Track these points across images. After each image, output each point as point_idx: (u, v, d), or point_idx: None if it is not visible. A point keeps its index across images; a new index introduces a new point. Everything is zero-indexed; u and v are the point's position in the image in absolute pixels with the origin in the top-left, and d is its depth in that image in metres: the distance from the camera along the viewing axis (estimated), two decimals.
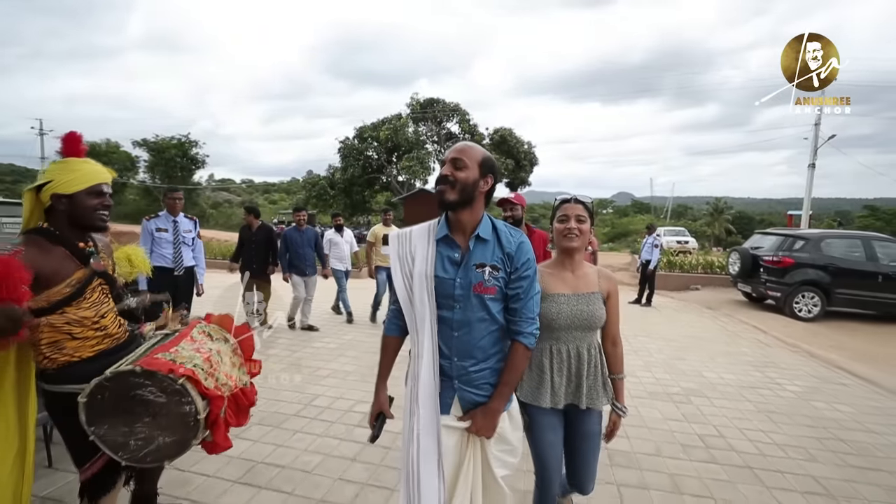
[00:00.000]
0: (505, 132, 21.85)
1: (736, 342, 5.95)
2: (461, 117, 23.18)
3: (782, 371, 4.75)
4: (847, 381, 4.53)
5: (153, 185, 35.68)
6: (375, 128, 22.96)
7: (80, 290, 1.50)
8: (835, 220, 44.06)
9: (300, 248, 5.60)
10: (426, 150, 22.51)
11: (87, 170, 1.53)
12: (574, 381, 1.67)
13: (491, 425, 1.37)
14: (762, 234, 9.12)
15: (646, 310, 8.18)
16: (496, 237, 1.40)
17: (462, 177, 1.33)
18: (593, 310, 1.65)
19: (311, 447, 2.81)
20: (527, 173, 22.45)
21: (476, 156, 1.37)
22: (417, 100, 23.39)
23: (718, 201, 44.49)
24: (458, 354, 1.38)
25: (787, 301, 7.63)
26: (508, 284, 1.38)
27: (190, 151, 35.38)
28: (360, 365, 4.43)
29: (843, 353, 5.58)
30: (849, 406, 3.83)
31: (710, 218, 42.68)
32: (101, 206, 1.54)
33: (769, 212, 60.10)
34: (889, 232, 30.05)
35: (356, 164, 23.07)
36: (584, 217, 1.66)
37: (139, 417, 1.45)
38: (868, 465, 2.84)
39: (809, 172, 14.87)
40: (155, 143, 34.59)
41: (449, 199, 1.33)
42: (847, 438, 3.21)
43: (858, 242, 7.81)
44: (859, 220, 39.70)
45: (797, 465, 2.81)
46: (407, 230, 1.47)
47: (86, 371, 1.44)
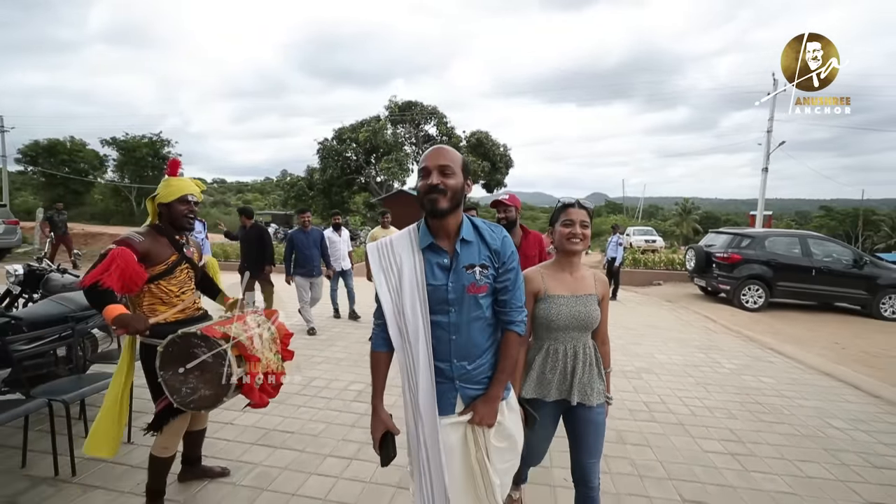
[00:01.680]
0: (481, 135, 22.50)
1: (687, 330, 6.66)
2: (439, 120, 23.70)
3: (723, 352, 5.44)
4: (775, 359, 5.25)
5: (123, 184, 34.73)
6: (354, 129, 23.22)
7: (171, 269, 2.02)
8: (793, 221, 46.65)
9: (306, 249, 5.62)
10: (404, 152, 22.93)
11: (179, 185, 2.04)
12: (568, 379, 1.73)
13: (492, 412, 1.39)
14: (715, 233, 9.97)
15: (611, 303, 8.88)
16: (479, 236, 1.40)
17: (452, 184, 1.33)
18: (590, 311, 1.70)
19: (314, 418, 3.25)
20: (502, 175, 23.18)
21: (458, 160, 1.37)
22: (396, 102, 23.78)
23: (686, 202, 46.47)
24: (457, 356, 1.38)
25: (735, 293, 8.44)
26: (497, 279, 1.40)
27: (162, 151, 34.61)
28: (350, 353, 4.87)
29: (777, 337, 6.34)
30: (771, 378, 4.52)
31: (679, 218, 44.49)
32: (187, 210, 2.05)
33: (735, 212, 62.74)
34: (842, 230, 32.14)
35: (335, 165, 23.29)
36: (587, 222, 1.71)
37: (192, 371, 1.88)
38: (775, 420, 3.49)
39: (763, 176, 16.05)
40: (125, 142, 33.69)
41: (443, 208, 1.32)
42: (763, 402, 3.86)
43: (796, 241, 8.71)
44: (816, 220, 41.91)
45: (719, 421, 3.43)
46: (386, 241, 1.44)
47: (165, 331, 1.88)
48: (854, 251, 8.57)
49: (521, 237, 3.05)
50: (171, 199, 2.04)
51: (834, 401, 3.94)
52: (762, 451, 2.97)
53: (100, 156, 35.17)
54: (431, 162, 1.34)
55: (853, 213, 32.92)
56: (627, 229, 24.93)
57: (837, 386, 4.35)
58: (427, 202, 1.33)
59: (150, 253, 1.97)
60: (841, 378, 4.55)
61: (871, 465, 2.83)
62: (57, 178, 32.31)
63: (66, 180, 32.61)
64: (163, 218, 2.09)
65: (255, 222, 5.90)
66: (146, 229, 2.08)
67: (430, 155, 1.37)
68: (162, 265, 2.01)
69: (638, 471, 2.65)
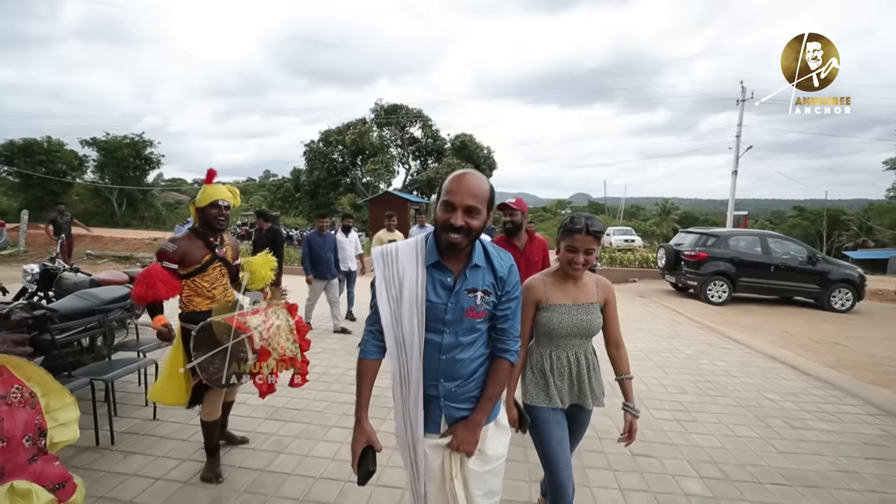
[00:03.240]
0: (465, 138, 23.02)
1: (655, 322, 7.23)
2: (424, 123, 24.14)
3: (684, 341, 6.01)
4: (729, 346, 5.83)
5: (103, 185, 34.22)
6: (341, 132, 23.50)
7: (204, 267, 2.38)
8: (768, 220, 48.39)
9: (322, 251, 5.72)
10: (390, 155, 23.30)
11: (212, 191, 2.39)
12: (577, 385, 1.76)
13: (472, 439, 1.35)
14: (685, 232, 10.63)
15: None
16: (488, 261, 1.37)
17: (476, 225, 1.28)
18: (591, 319, 1.73)
19: (317, 398, 3.66)
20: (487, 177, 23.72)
21: (485, 197, 1.30)
22: (382, 105, 24.14)
23: (666, 202, 47.85)
24: (444, 376, 1.37)
25: (702, 289, 9.08)
26: (497, 306, 1.37)
27: (144, 151, 34.25)
28: (345, 343, 5.28)
29: (735, 327, 6.96)
30: (723, 362, 5.08)
31: (659, 218, 45.78)
32: (218, 214, 2.39)
33: (713, 212, 64.43)
34: (814, 229, 33.60)
35: (321, 167, 23.53)
36: (593, 249, 1.68)
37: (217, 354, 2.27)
38: (719, 394, 4.03)
39: (732, 179, 16.92)
40: (105, 143, 33.22)
41: (462, 247, 1.29)
42: (712, 380, 4.41)
43: (757, 239, 9.40)
44: (790, 219, 43.43)
45: (672, 395, 3.95)
46: (391, 248, 1.40)
47: (199, 318, 2.27)
48: (808, 249, 9.29)
49: (527, 242, 3.07)
50: (205, 203, 2.37)
51: (772, 378, 4.52)
52: (703, 418, 3.49)
53: (79, 156, 34.58)
54: (458, 199, 1.25)
55: (825, 212, 34.48)
56: (609, 229, 25.73)
57: (778, 367, 4.94)
58: (446, 238, 1.27)
59: (186, 255, 2.33)
60: (782, 360, 5.14)
61: (789, 427, 3.38)
62: (33, 179, 31.66)
63: (42, 181, 31.98)
64: (199, 221, 2.43)
65: (272, 225, 6.03)
66: (185, 233, 2.44)
67: (457, 188, 1.27)
68: (196, 264, 2.36)
69: (597, 434, 3.13)
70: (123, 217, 34.00)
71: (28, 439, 1.49)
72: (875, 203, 33.59)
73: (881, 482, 2.65)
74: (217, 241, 2.48)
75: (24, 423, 1.49)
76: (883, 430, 3.38)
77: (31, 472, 1.47)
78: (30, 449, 1.51)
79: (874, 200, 31.98)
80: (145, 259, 13.35)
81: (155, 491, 2.36)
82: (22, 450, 1.47)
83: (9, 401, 1.49)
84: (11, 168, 31.99)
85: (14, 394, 1.52)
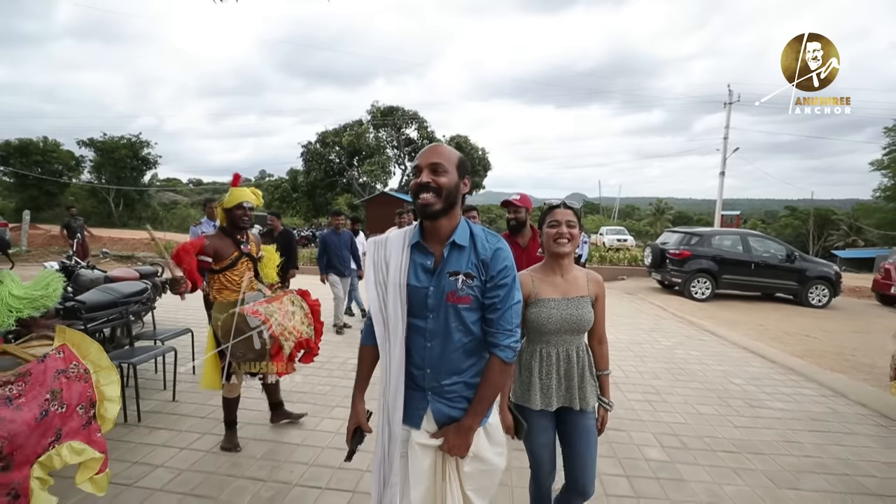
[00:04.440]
0: (461, 139, 23.39)
1: (639, 316, 7.61)
2: (419, 124, 24.50)
3: (664, 333, 6.38)
4: (706, 338, 6.21)
5: (100, 185, 34.30)
6: (338, 133, 23.82)
7: (234, 263, 2.70)
8: (760, 220, 49.06)
9: (338, 249, 5.90)
10: (386, 155, 23.63)
11: (237, 194, 2.70)
12: (564, 383, 1.69)
13: (464, 444, 1.30)
14: (670, 231, 11.03)
15: None
16: (472, 243, 1.32)
17: (445, 182, 1.26)
18: (582, 313, 1.66)
19: (320, 383, 3.99)
20: (481, 178, 24.13)
21: (453, 157, 1.30)
22: (378, 107, 24.47)
23: (660, 202, 48.43)
24: (431, 366, 1.32)
25: (685, 285, 9.48)
26: (485, 293, 1.30)
27: (141, 152, 34.38)
28: (345, 337, 5.61)
29: (714, 321, 7.35)
30: (698, 352, 5.45)
31: (653, 218, 46.34)
32: (243, 214, 2.70)
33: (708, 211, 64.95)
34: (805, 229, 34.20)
35: (318, 167, 23.83)
36: (574, 222, 1.68)
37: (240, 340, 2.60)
38: (689, 379, 4.40)
39: (720, 180, 17.36)
40: (102, 143, 33.34)
41: (435, 209, 1.25)
42: (685, 368, 4.77)
43: (738, 238, 9.81)
44: (783, 219, 44.03)
45: (646, 381, 4.31)
46: (384, 236, 1.41)
47: (228, 308, 2.60)
48: (787, 247, 9.71)
49: (531, 238, 3.09)
50: (231, 205, 2.68)
51: (740, 366, 4.89)
52: (672, 399, 3.86)
53: (75, 156, 34.66)
54: (423, 160, 1.28)
55: (815, 212, 35.12)
56: (602, 229, 26.20)
57: (748, 356, 5.32)
58: (419, 203, 1.27)
59: (218, 251, 2.63)
60: (753, 350, 5.52)
61: (748, 406, 3.75)
62: (30, 179, 31.73)
63: (39, 181, 32.05)
64: (227, 221, 2.73)
65: (285, 227, 6.18)
66: (216, 232, 2.76)
67: (423, 153, 1.31)
68: (227, 260, 2.67)
69: None
70: (120, 217, 34.12)
71: (82, 407, 1.80)
72: (862, 203, 34.20)
73: (818, 449, 3.02)
74: (243, 239, 2.79)
75: (79, 394, 1.79)
76: (830, 408, 3.76)
77: (83, 436, 1.78)
78: (82, 416, 1.83)
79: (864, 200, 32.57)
80: (147, 258, 13.59)
81: (181, 458, 2.69)
82: (76, 416, 1.78)
83: (68, 374, 1.80)
84: (7, 168, 32.05)
85: (72, 369, 1.83)
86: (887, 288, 9.57)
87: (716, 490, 2.51)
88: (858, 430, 3.33)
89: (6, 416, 1.45)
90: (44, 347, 1.74)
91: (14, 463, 1.45)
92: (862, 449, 3.04)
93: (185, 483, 2.45)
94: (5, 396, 1.50)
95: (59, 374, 1.68)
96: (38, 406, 1.56)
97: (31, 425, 1.51)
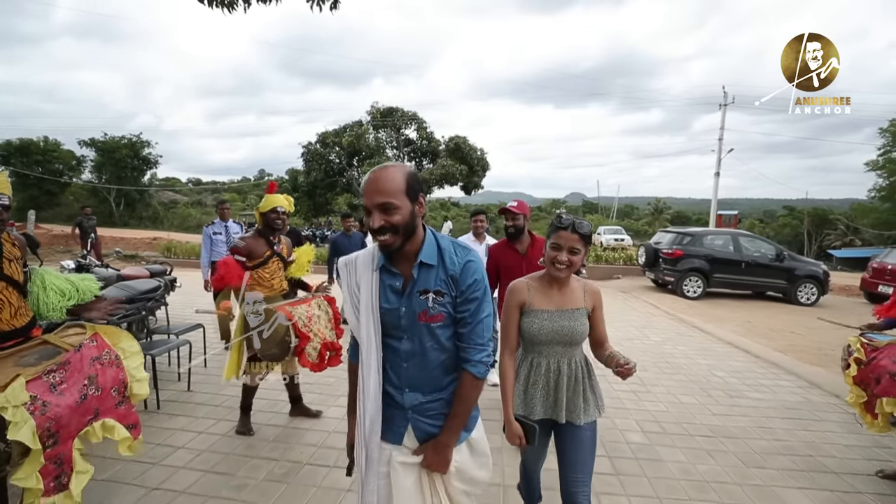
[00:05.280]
0: (459, 140, 23.60)
1: (631, 314, 7.86)
2: (419, 125, 24.72)
3: (654, 330, 6.63)
4: (694, 334, 6.46)
5: (101, 185, 34.49)
6: (338, 134, 24.01)
7: (265, 261, 2.95)
8: (758, 220, 49.41)
9: (348, 251, 6.32)
10: (386, 156, 23.84)
11: (271, 199, 2.95)
12: (552, 396, 1.67)
13: (443, 461, 1.30)
14: (663, 231, 11.29)
15: None
16: (440, 259, 1.29)
17: (398, 220, 1.20)
18: (574, 326, 1.65)
19: (327, 374, 4.14)
20: (479, 178, 24.34)
21: (399, 185, 1.21)
22: (378, 108, 24.67)
23: (658, 202, 48.71)
24: (410, 385, 1.32)
25: (678, 284, 9.72)
26: (456, 309, 1.28)
27: (142, 152, 34.60)
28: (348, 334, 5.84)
29: (703, 318, 7.60)
30: (685, 347, 5.70)
31: (651, 217, 46.61)
32: (276, 218, 2.94)
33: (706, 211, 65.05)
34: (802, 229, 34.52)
35: (319, 168, 24.03)
36: (578, 249, 1.61)
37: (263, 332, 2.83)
38: (675, 372, 4.64)
39: (715, 181, 17.61)
40: (104, 143, 33.55)
41: (396, 245, 1.23)
42: (671, 361, 5.02)
43: (729, 238, 10.06)
44: (781, 219, 44.32)
45: (635, 375, 4.54)
46: (353, 257, 1.39)
47: None
48: (776, 247, 9.96)
49: (529, 244, 3.14)
50: (266, 209, 2.94)
51: (724, 360, 5.14)
52: (656, 390, 4.10)
53: (76, 156, 34.88)
54: (368, 200, 1.21)
55: (812, 212, 35.43)
56: (599, 228, 26.48)
57: (733, 351, 5.57)
58: (379, 244, 1.25)
59: (252, 250, 2.92)
60: (737, 346, 5.77)
61: (727, 396, 4.00)
62: (30, 179, 31.94)
63: (39, 181, 32.25)
64: (262, 223, 2.99)
65: (293, 227, 6.46)
66: (252, 233, 3.03)
67: (367, 189, 1.22)
68: (259, 258, 2.93)
69: None
70: (121, 217, 34.33)
71: (115, 390, 2.03)
72: (858, 202, 34.50)
73: (788, 434, 3.26)
74: (276, 240, 3.05)
75: (112, 378, 2.01)
76: (804, 398, 4.01)
77: (117, 414, 2.01)
78: (116, 397, 2.06)
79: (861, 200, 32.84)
80: (150, 258, 13.84)
81: (199, 441, 2.93)
82: (110, 397, 2.01)
83: (101, 361, 2.02)
84: (8, 168, 32.25)
85: (105, 356, 2.05)
86: (874, 286, 9.82)
87: (689, 469, 2.75)
88: (827, 418, 3.58)
89: (52, 402, 1.67)
90: (78, 336, 1.96)
91: (60, 439, 1.68)
92: (828, 433, 3.29)
93: (205, 462, 2.68)
94: (50, 384, 1.72)
95: (94, 361, 1.90)
96: (78, 391, 1.79)
97: (73, 408, 1.73)
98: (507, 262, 3.16)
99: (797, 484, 2.62)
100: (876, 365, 2.61)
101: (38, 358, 1.74)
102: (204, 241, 5.26)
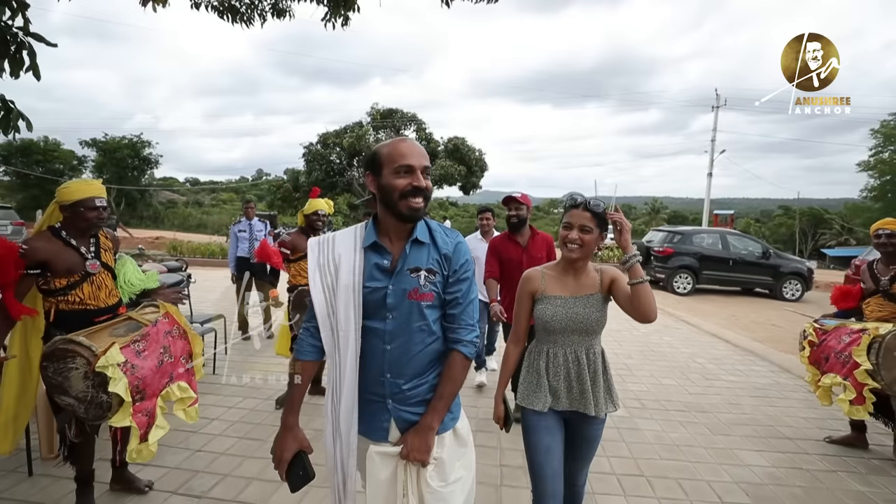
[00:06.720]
0: (458, 141, 24.01)
1: None
2: (418, 126, 25.10)
3: None
4: (681, 326, 6.86)
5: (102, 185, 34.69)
6: (338, 135, 24.39)
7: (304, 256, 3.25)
8: (755, 220, 49.92)
9: None
10: None
11: (314, 203, 3.39)
12: (577, 387, 1.61)
13: (425, 445, 1.22)
14: (655, 230, 11.70)
15: None
16: (431, 239, 1.29)
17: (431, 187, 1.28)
18: (589, 312, 1.59)
19: None
20: (478, 178, 24.76)
21: None
22: (378, 109, 25.05)
23: (655, 202, 49.15)
24: (391, 371, 1.25)
25: (668, 281, 10.13)
26: (446, 289, 1.27)
27: (143, 152, 34.87)
28: None
29: (691, 312, 8.00)
30: (672, 338, 6.09)
31: (648, 217, 47.01)
32: (317, 219, 3.38)
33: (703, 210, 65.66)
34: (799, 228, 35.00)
35: (320, 168, 24.39)
36: (590, 227, 1.55)
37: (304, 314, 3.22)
38: (660, 360, 5.04)
39: (708, 181, 18.04)
40: (105, 143, 33.81)
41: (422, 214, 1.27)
42: (658, 351, 5.41)
43: (718, 236, 10.48)
44: (777, 218, 44.70)
45: (619, 360, 4.95)
46: (329, 236, 1.35)
47: (302, 291, 3.25)
48: (763, 245, 10.38)
49: (529, 237, 3.12)
50: (308, 212, 3.38)
51: (706, 348, 5.54)
52: (639, 373, 4.49)
53: (76, 156, 35.11)
54: (416, 161, 1.22)
55: (807, 212, 35.93)
56: None
57: (715, 341, 5.97)
58: (409, 205, 1.21)
59: (296, 246, 3.32)
60: (720, 336, 6.18)
61: (704, 379, 4.40)
62: (31, 179, 32.16)
63: (40, 181, 32.47)
64: (305, 223, 3.43)
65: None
66: (296, 230, 3.48)
67: (410, 151, 1.23)
68: (301, 253, 3.30)
69: None
70: (122, 216, 34.60)
71: (184, 358, 2.41)
72: (851, 202, 35.00)
73: (754, 409, 3.66)
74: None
75: (181, 348, 2.39)
76: (774, 380, 4.41)
77: (185, 378, 2.39)
78: (184, 364, 2.44)
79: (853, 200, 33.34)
80: (156, 256, 14.16)
81: (231, 414, 3.30)
82: (180, 364, 2.39)
83: (172, 334, 2.39)
84: (9, 168, 32.48)
85: (175, 330, 2.42)
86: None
87: (662, 436, 3.14)
88: (791, 396, 3.98)
89: (139, 365, 2.04)
90: (154, 314, 2.33)
91: (147, 395, 2.06)
92: (789, 409, 3.69)
93: (238, 430, 3.06)
94: (136, 351, 2.09)
95: (167, 335, 2.28)
96: (156, 357, 2.16)
97: (154, 370, 2.11)
98: (508, 254, 3.13)
99: (755, 447, 3.02)
100: (825, 346, 3.01)
101: (125, 330, 2.11)
102: (231, 239, 5.65)
